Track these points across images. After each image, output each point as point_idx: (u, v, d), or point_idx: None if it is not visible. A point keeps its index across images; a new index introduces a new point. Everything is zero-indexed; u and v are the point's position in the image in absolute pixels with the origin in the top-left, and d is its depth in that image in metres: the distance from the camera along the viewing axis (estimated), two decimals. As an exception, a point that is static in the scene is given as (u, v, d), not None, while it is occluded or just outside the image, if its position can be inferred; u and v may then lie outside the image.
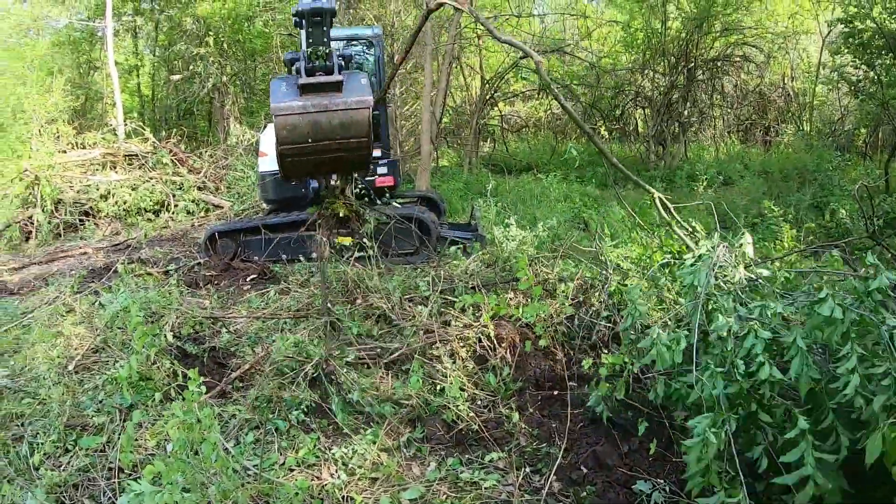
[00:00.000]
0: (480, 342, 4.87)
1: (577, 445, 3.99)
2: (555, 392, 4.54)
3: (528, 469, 3.86)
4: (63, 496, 3.66)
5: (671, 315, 4.16)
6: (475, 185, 14.13)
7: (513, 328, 4.94)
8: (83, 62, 22.83)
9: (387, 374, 4.80)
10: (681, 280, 3.82)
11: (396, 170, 9.33)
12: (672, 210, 5.83)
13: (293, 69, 5.44)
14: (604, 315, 4.89)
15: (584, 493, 3.57)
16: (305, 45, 5.38)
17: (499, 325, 4.95)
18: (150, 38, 23.39)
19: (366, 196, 8.05)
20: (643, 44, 18.17)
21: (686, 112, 18.76)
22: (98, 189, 12.74)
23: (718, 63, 18.33)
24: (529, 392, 4.58)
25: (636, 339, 3.92)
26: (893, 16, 12.55)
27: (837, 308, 2.89)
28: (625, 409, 4.06)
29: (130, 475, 3.74)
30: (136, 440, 4.00)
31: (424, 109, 14.21)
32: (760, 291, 3.81)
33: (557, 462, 3.79)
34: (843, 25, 13.64)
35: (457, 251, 6.77)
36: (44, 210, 12.07)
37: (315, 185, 8.28)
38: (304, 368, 4.55)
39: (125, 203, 12.63)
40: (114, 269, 8.21)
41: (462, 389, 4.38)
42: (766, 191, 12.54)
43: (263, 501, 3.45)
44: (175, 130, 17.11)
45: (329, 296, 5.96)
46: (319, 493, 3.57)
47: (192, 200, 12.99)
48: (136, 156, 13.98)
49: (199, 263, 8.43)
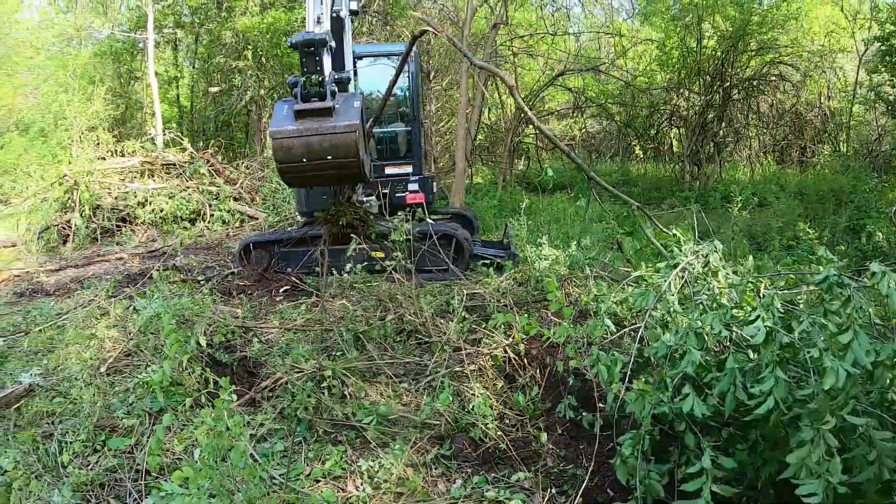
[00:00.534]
0: (510, 361, 4.83)
1: (605, 468, 3.90)
2: (583, 413, 4.47)
3: (554, 490, 3.79)
4: (89, 495, 3.70)
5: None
6: (509, 203, 14.10)
7: (543, 348, 4.88)
8: (124, 72, 23.36)
9: (416, 390, 4.77)
10: (633, 299, 3.86)
11: (428, 186, 9.31)
12: (654, 221, 5.79)
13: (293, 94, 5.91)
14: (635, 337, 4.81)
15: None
16: (301, 73, 5.87)
17: (529, 345, 4.89)
18: (190, 51, 23.88)
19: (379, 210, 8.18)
20: (678, 62, 18.06)
21: (721, 132, 18.57)
22: (136, 196, 12.98)
23: (754, 82, 18.13)
24: (558, 412, 4.51)
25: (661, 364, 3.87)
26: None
27: (762, 331, 2.95)
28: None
29: (157, 478, 3.76)
30: (165, 444, 4.02)
31: (459, 126, 14.28)
32: (717, 308, 3.76)
33: (584, 484, 3.72)
34: (881, 44, 13.43)
35: (489, 269, 6.74)
36: (82, 215, 12.33)
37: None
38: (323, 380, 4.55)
39: (162, 211, 12.85)
40: (149, 275, 8.35)
41: (490, 408, 4.32)
42: (802, 213, 12.34)
43: (288, 511, 3.43)
44: (213, 141, 17.39)
45: (356, 310, 5.98)
46: (344, 505, 3.55)
47: (228, 211, 13.19)
48: (174, 165, 14.23)
49: (233, 273, 8.50)
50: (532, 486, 3.80)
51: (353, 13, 8.13)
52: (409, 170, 9.27)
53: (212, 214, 13.05)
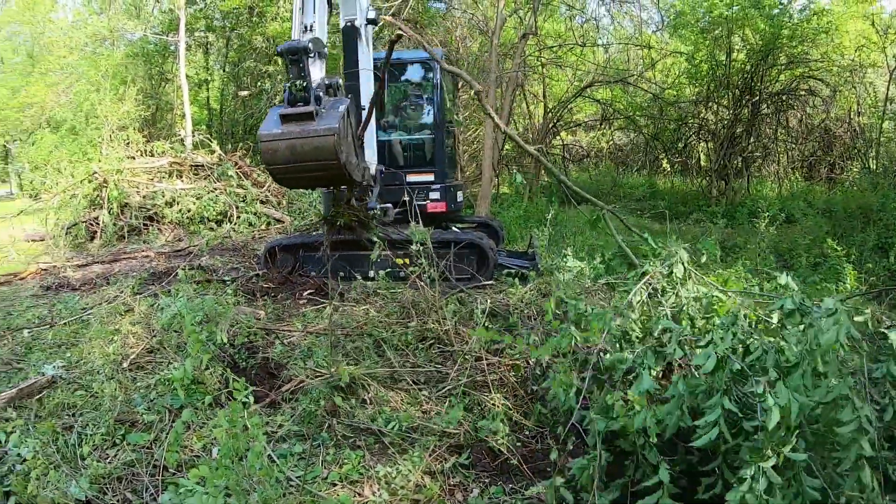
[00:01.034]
0: (529, 372, 4.77)
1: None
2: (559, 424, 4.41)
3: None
4: (106, 487, 3.71)
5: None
6: (535, 214, 14.04)
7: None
8: (155, 74, 23.69)
9: (436, 399, 4.72)
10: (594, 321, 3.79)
11: (451, 195, 9.23)
12: (629, 225, 5.83)
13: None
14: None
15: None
16: (286, 80, 6.19)
17: (552, 357, 4.83)
18: (221, 54, 24.20)
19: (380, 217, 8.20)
20: (707, 76, 17.90)
21: (750, 146, 18.35)
22: (163, 196, 13.11)
23: (783, 97, 17.90)
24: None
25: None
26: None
27: (712, 358, 2.94)
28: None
29: (174, 474, 3.77)
30: (183, 441, 4.03)
31: (487, 136, 14.27)
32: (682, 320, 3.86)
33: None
34: (912, 59, 13.19)
35: (514, 279, 6.68)
36: (110, 212, 12.48)
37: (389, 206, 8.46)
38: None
39: (189, 211, 12.96)
40: (174, 274, 8.42)
41: (502, 422, 4.24)
42: (829, 230, 12.14)
43: (304, 514, 3.41)
44: (241, 144, 17.52)
45: (381, 317, 5.97)
46: (360, 511, 3.53)
47: (254, 213, 13.25)
48: (202, 166, 14.35)
49: (258, 275, 8.53)
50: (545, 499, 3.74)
51: (371, 22, 8.25)
52: (431, 178, 9.20)
53: (238, 216, 13.13)
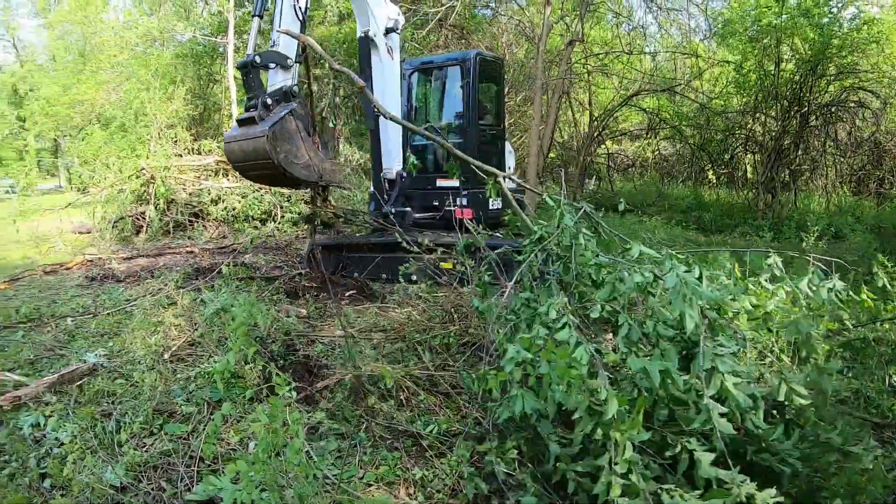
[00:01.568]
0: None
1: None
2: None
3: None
4: (141, 475, 3.72)
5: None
6: (579, 223, 13.88)
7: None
8: (203, 74, 24.11)
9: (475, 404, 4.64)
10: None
11: (480, 202, 8.93)
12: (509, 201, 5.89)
13: None
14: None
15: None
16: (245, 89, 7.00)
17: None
18: (269, 57, 24.48)
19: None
20: (755, 86, 17.48)
21: (797, 159, 17.86)
22: (209, 193, 13.32)
23: (832, 108, 17.38)
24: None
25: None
26: None
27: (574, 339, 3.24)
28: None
29: (210, 466, 3.77)
30: (220, 434, 4.02)
31: (532, 143, 14.16)
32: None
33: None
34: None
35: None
36: (156, 207, 12.72)
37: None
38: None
39: (234, 209, 13.13)
40: (217, 270, 8.51)
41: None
42: (878, 247, 11.71)
43: (338, 512, 3.36)
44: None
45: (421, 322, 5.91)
46: (395, 512, 3.46)
47: (299, 213, 13.33)
48: None
49: (300, 274, 8.58)
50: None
51: (391, 31, 8.43)
52: (456, 183, 8.96)
53: (283, 216, 13.25)
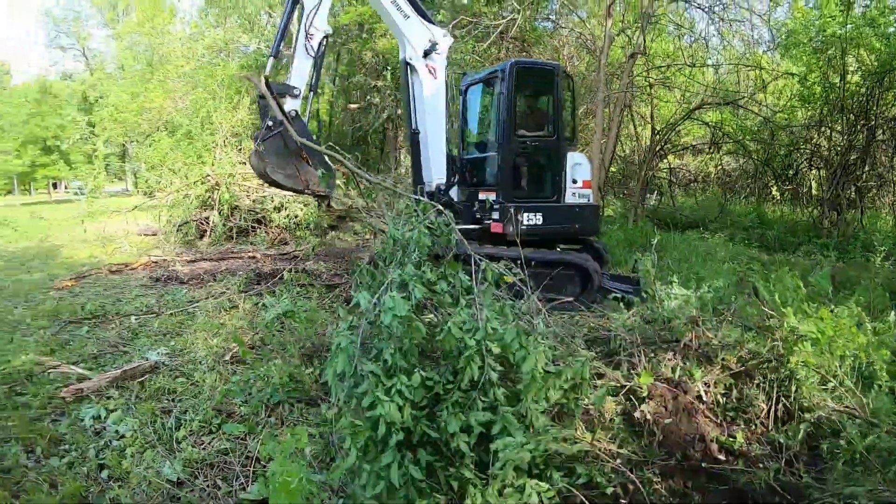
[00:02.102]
0: (630, 400, 4.57)
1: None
2: (702, 464, 4.16)
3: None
4: (198, 472, 3.80)
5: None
6: (639, 238, 13.66)
7: (667, 390, 4.58)
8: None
9: None
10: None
11: (510, 217, 8.56)
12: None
13: None
14: (765, 390, 4.47)
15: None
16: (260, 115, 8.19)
17: (652, 386, 4.61)
18: (331, 68, 24.95)
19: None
20: (820, 98, 16.90)
21: (864, 175, 17.17)
22: (272, 201, 13.55)
23: (900, 123, 16.64)
24: (676, 459, 4.21)
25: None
26: None
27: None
28: (772, 493, 3.65)
29: (265, 467, 3.81)
30: (276, 436, 4.08)
31: (594, 157, 14.02)
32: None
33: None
34: None
35: (619, 303, 6.42)
36: (220, 213, 13.05)
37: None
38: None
39: (296, 217, 13.32)
40: (279, 276, 8.65)
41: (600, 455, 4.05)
42: (949, 269, 11.16)
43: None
44: (349, 156, 17.91)
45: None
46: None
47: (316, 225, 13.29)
48: None
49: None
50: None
51: (429, 52, 8.68)
52: (493, 196, 8.99)
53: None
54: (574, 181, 8.95)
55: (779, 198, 20.08)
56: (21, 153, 49.34)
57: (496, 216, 8.72)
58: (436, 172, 9.00)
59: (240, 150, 15.91)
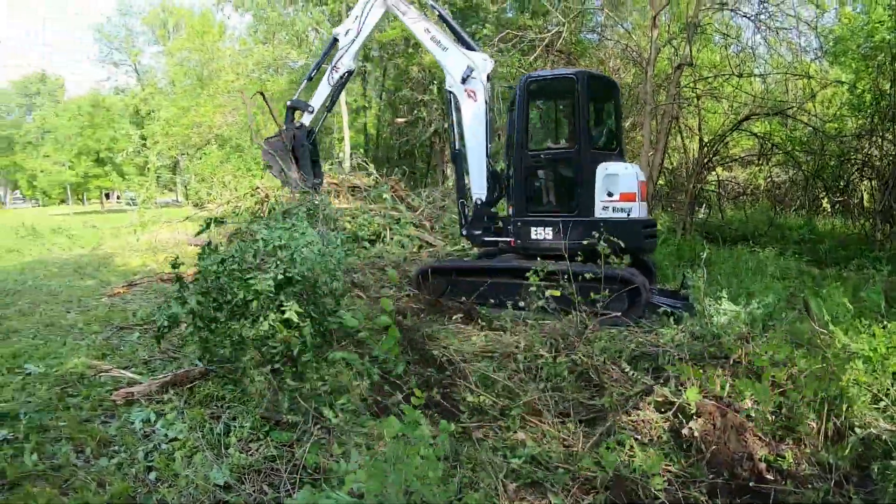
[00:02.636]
0: (677, 416, 4.51)
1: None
2: (750, 483, 4.07)
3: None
4: (245, 477, 3.86)
5: None
6: (687, 252, 13.44)
7: (715, 407, 4.51)
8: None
9: (580, 434, 4.55)
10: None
11: (521, 232, 8.71)
12: None
13: None
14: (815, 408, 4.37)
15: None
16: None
17: (700, 403, 4.54)
18: (378, 83, 25.31)
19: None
20: (870, 107, 16.40)
21: (918, 186, 16.55)
22: (320, 214, 13.70)
23: (955, 130, 16.01)
24: (723, 478, 4.12)
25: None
26: None
27: None
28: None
29: (311, 475, 3.86)
30: (323, 444, 4.13)
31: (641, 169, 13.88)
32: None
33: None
34: None
35: (668, 318, 6.33)
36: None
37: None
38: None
39: (344, 230, 13.42)
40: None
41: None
42: None
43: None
44: (397, 169, 18.12)
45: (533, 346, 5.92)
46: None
47: (407, 235, 13.44)
48: (359, 188, 14.87)
49: (409, 296, 8.71)
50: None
51: (467, 78, 9.06)
52: (510, 211, 9.06)
53: (391, 238, 13.36)
54: (610, 194, 8.35)
55: (829, 210, 19.55)
56: (75, 164, 51.15)
57: (511, 230, 8.86)
58: (476, 188, 9.20)
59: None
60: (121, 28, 61.40)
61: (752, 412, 4.38)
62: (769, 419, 4.40)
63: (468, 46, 9.43)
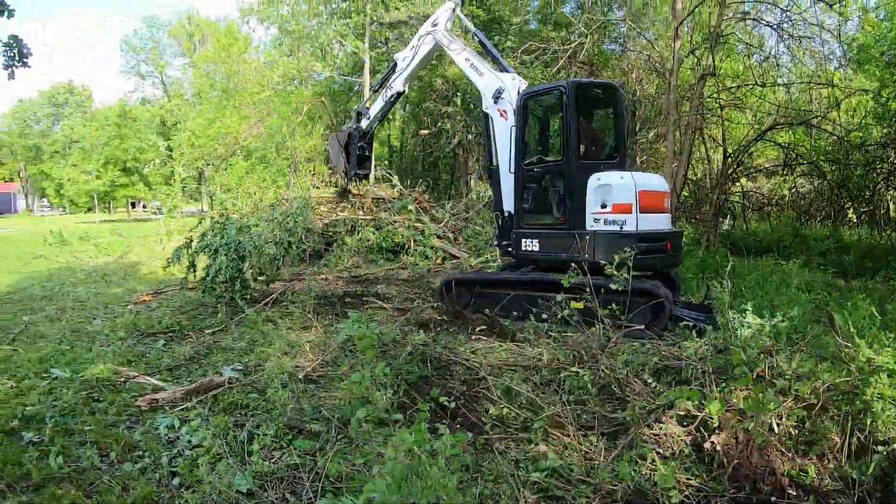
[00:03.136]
0: (700, 430, 4.48)
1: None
2: (772, 498, 4.04)
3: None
4: (267, 485, 3.90)
5: None
6: (711, 264, 13.33)
7: (737, 421, 4.47)
8: (340, 111, 25.26)
9: (601, 447, 4.54)
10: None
11: (515, 243, 8.92)
12: None
13: None
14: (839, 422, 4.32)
15: None
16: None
17: (723, 417, 4.51)
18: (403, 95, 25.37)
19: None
20: (895, 115, 16.17)
21: (944, 195, 16.27)
22: (345, 224, 13.85)
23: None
24: (745, 492, 4.09)
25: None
26: None
27: None
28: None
29: (334, 483, 3.89)
30: (346, 453, 4.17)
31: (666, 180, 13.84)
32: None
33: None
34: None
35: (692, 332, 6.27)
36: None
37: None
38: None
39: (368, 241, 13.57)
40: (351, 298, 8.83)
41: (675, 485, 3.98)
42: None
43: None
44: (421, 181, 18.22)
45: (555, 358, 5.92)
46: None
47: (431, 247, 13.47)
48: (383, 199, 14.99)
49: (432, 307, 8.76)
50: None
51: (497, 98, 9.25)
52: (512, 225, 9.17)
53: (415, 249, 13.42)
54: (604, 205, 7.91)
55: (855, 220, 19.26)
56: (102, 174, 52.00)
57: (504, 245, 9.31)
58: (507, 202, 9.29)
59: (313, 175, 16.32)
60: (148, 40, 62.65)
61: (775, 426, 4.34)
62: (792, 433, 4.36)
63: (503, 69, 9.87)
